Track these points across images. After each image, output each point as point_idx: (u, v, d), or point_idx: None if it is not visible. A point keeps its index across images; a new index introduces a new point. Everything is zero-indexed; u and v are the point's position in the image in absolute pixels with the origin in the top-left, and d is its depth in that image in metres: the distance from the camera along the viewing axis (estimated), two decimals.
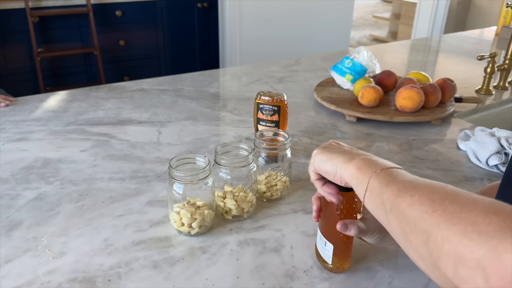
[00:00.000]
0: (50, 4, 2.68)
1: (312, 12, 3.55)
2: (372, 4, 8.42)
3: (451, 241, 0.36)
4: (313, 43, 3.63)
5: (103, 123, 1.20)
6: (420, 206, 0.41)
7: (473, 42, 2.31)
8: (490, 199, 0.38)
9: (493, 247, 0.32)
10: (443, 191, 0.41)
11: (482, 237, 0.33)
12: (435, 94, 1.23)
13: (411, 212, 0.42)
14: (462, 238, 0.35)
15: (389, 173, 0.50)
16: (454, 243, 0.35)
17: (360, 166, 0.54)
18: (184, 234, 0.75)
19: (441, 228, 0.37)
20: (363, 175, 0.52)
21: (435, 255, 0.38)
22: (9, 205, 0.83)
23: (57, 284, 0.64)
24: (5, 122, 1.19)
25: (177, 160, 0.75)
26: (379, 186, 0.49)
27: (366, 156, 0.56)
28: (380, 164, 0.52)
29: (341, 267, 0.67)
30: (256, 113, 1.00)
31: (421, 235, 0.40)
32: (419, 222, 0.40)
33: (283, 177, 0.86)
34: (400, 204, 0.44)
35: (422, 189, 0.43)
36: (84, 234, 0.75)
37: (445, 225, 0.37)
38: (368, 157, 0.55)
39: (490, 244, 0.33)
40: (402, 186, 0.46)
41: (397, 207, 0.44)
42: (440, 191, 0.41)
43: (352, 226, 0.60)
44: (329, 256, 0.66)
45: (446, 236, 0.36)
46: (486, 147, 1.00)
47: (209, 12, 3.24)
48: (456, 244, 0.35)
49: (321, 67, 1.77)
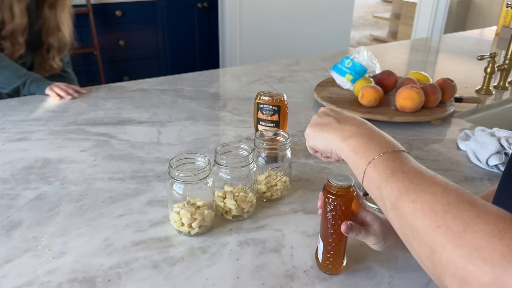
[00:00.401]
0: None
1: (312, 12, 3.55)
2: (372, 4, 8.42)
3: (456, 263, 0.36)
4: (313, 43, 3.63)
5: (103, 123, 1.20)
6: (424, 217, 0.41)
7: (473, 42, 2.31)
8: (492, 209, 0.38)
9: (498, 277, 0.33)
10: (445, 200, 0.41)
11: (488, 265, 0.34)
12: (435, 94, 1.23)
13: (413, 221, 0.42)
14: (467, 263, 0.35)
15: (387, 162, 0.49)
16: (459, 267, 0.36)
17: (355, 149, 0.53)
18: (184, 234, 0.75)
19: (445, 248, 0.38)
20: (359, 159, 0.52)
21: (439, 271, 0.38)
22: (9, 205, 0.83)
23: (57, 284, 0.64)
24: (5, 122, 1.19)
25: (177, 160, 0.75)
26: (378, 179, 0.48)
27: (361, 131, 0.55)
28: (377, 145, 0.51)
29: (334, 269, 0.66)
30: (256, 113, 1.00)
31: (425, 248, 0.40)
32: (422, 235, 0.40)
33: (283, 177, 0.86)
34: (402, 208, 0.44)
35: (424, 194, 0.42)
36: (84, 234, 0.75)
37: (449, 246, 0.37)
38: (363, 134, 0.54)
39: (496, 273, 0.34)
40: (402, 186, 0.45)
41: (398, 210, 0.44)
42: (442, 200, 0.41)
43: (355, 229, 0.60)
44: (320, 255, 0.66)
45: (451, 258, 0.37)
46: (486, 147, 1.00)
47: (209, 12, 3.24)
48: (462, 268, 0.36)
49: (321, 67, 1.77)
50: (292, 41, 3.53)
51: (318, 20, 3.61)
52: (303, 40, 3.59)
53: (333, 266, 0.66)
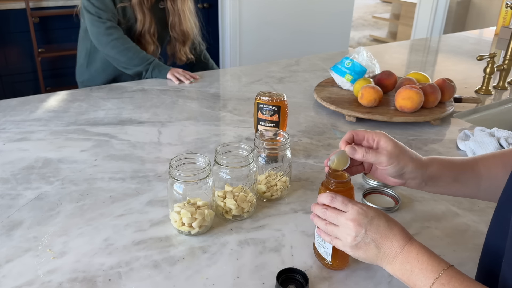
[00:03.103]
0: (51, 5, 2.68)
1: (312, 13, 3.55)
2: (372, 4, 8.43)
3: None
4: (313, 43, 3.63)
5: (104, 123, 1.20)
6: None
7: (473, 42, 2.31)
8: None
9: None
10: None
11: None
12: (434, 94, 1.24)
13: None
14: None
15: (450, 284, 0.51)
16: None
17: (403, 273, 0.56)
18: (184, 233, 0.75)
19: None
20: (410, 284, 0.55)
21: None
22: (9, 205, 0.83)
23: (58, 284, 0.64)
24: (5, 122, 1.19)
25: (177, 160, 0.75)
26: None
27: (401, 257, 0.56)
28: (427, 269, 0.54)
29: (341, 264, 0.67)
30: (256, 113, 1.00)
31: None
32: None
33: (283, 177, 0.86)
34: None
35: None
36: (84, 234, 0.75)
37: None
38: (405, 261, 0.56)
39: None
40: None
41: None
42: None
43: (360, 150, 0.63)
44: (329, 254, 0.66)
45: None
46: (485, 147, 1.00)
47: (209, 12, 3.24)
48: None
49: (321, 67, 1.77)
50: (292, 41, 3.53)
51: (318, 21, 3.61)
52: (303, 40, 3.59)
53: (341, 261, 0.67)
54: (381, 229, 0.58)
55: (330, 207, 0.62)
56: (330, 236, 0.62)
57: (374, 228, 0.58)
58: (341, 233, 0.60)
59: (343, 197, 0.62)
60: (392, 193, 0.87)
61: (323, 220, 0.63)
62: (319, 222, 0.64)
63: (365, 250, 0.59)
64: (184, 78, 1.54)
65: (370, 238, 0.58)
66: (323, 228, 0.63)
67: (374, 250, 0.58)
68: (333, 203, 0.62)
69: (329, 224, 0.62)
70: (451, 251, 0.73)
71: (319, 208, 0.63)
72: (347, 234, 0.59)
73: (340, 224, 0.60)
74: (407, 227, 0.78)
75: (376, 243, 0.58)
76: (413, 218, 0.82)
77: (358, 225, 0.58)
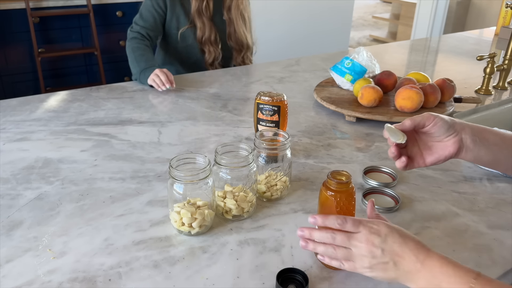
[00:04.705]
0: (51, 5, 2.68)
1: (312, 13, 3.55)
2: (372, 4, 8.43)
3: None
4: (313, 43, 3.63)
5: (104, 123, 1.21)
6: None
7: (473, 42, 2.31)
8: None
9: None
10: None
11: None
12: (434, 94, 1.24)
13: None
14: None
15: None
16: None
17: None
18: (184, 233, 0.75)
19: None
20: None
21: None
22: (9, 205, 0.83)
23: (58, 284, 0.64)
24: (5, 122, 1.19)
25: (177, 160, 0.75)
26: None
27: (424, 272, 0.55)
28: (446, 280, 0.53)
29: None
30: (256, 113, 1.00)
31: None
32: None
33: (283, 177, 0.86)
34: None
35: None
36: (84, 234, 0.75)
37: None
38: (430, 275, 0.54)
39: None
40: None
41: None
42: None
43: (409, 164, 0.72)
44: None
45: None
46: None
47: None
48: None
49: (321, 67, 1.77)
50: (292, 41, 3.53)
51: (318, 20, 3.61)
52: (303, 40, 3.59)
53: None
54: (396, 246, 0.56)
55: (339, 230, 0.59)
56: (339, 260, 0.60)
57: (389, 247, 0.56)
58: (355, 256, 0.58)
59: (352, 218, 0.59)
60: (392, 193, 0.87)
61: (329, 245, 0.60)
62: (323, 248, 0.60)
63: (384, 270, 0.57)
64: (161, 83, 1.43)
65: (387, 258, 0.56)
66: (332, 254, 0.60)
67: (393, 268, 0.56)
68: (345, 226, 0.59)
69: (339, 248, 0.59)
70: (451, 251, 0.73)
71: (324, 233, 0.60)
72: (363, 255, 0.57)
73: (353, 247, 0.58)
74: (407, 227, 0.78)
75: (394, 261, 0.56)
76: (413, 218, 0.82)
77: (373, 246, 0.57)
